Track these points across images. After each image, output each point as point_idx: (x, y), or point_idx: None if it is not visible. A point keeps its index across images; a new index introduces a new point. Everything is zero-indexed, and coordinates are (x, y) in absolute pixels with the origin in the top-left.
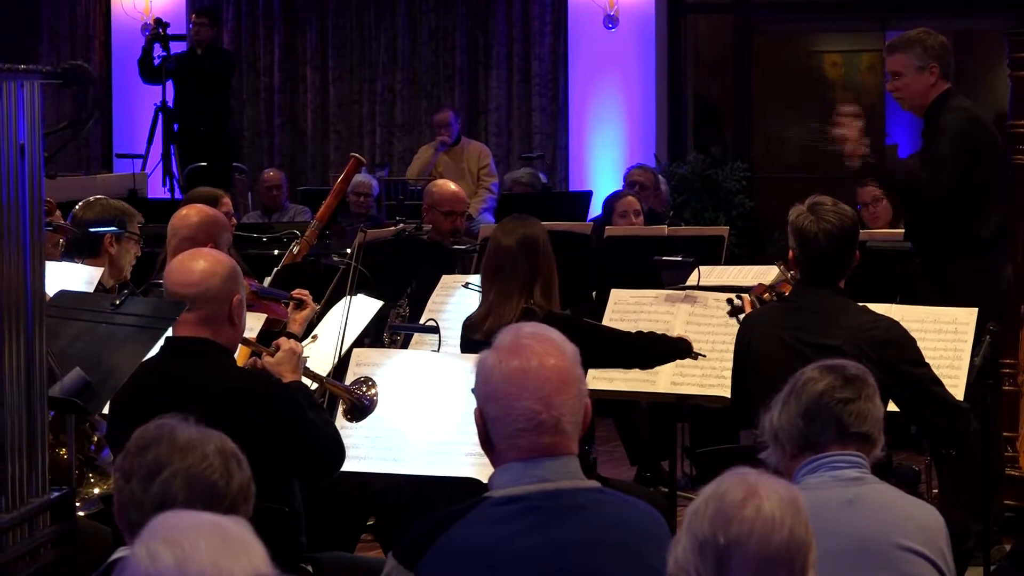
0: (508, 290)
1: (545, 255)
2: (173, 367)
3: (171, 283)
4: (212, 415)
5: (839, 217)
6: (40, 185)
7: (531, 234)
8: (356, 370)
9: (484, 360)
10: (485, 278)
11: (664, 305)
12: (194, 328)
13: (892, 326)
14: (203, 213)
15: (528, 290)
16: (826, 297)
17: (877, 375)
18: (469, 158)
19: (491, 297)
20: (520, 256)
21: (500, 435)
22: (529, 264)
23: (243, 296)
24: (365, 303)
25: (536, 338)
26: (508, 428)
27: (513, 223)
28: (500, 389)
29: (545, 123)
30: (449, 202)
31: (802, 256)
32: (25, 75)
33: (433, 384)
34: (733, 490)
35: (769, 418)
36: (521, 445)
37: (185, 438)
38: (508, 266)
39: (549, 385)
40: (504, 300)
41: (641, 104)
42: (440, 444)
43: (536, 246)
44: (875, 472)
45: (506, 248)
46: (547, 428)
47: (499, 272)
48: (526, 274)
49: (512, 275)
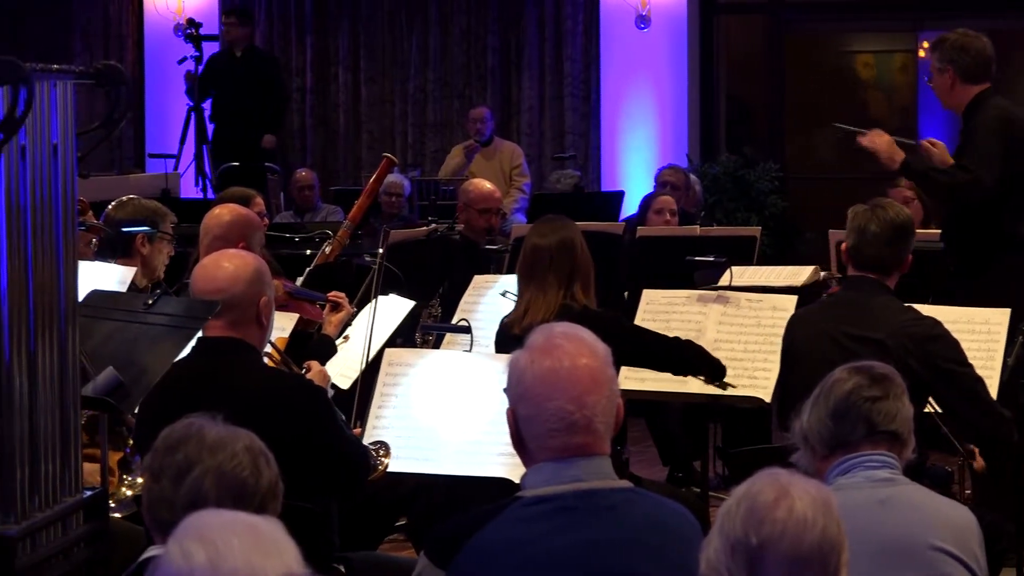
0: (545, 286)
1: (583, 254)
2: (202, 367)
3: (197, 288)
4: (241, 414)
5: (896, 211)
6: (73, 184)
7: (568, 236)
8: (388, 369)
9: (516, 360)
10: (521, 277)
11: (696, 305)
12: (223, 330)
13: (936, 324)
14: (235, 213)
15: (566, 286)
16: (872, 292)
17: (919, 370)
18: (502, 158)
19: (528, 294)
20: (557, 255)
21: (532, 435)
22: (567, 262)
23: (271, 297)
24: (397, 303)
25: (568, 338)
26: (540, 428)
27: (548, 226)
28: (532, 389)
29: (577, 123)
30: (484, 200)
31: (854, 246)
32: (58, 75)
33: (465, 384)
34: (765, 490)
35: (799, 421)
36: (553, 445)
37: (214, 436)
38: (546, 266)
39: (581, 385)
40: (541, 296)
41: (673, 104)
42: (472, 444)
43: (573, 246)
44: (908, 473)
45: (544, 249)
46: (579, 428)
47: (536, 270)
48: (564, 271)
49: (549, 272)
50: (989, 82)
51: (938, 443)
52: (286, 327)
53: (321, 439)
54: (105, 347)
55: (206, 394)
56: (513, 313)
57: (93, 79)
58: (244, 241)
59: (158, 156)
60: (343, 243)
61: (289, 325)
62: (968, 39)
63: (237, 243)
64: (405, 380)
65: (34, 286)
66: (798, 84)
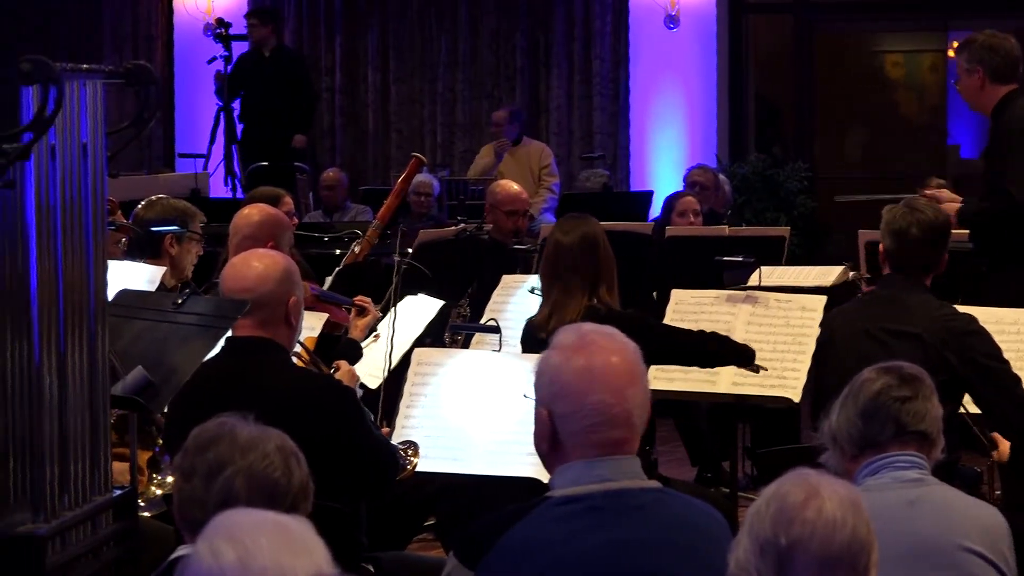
0: (570, 288)
1: (605, 252)
2: (231, 367)
3: (226, 288)
4: (270, 414)
5: (934, 212)
6: (102, 184)
7: (590, 232)
8: (417, 369)
9: (548, 359)
10: (545, 278)
11: (725, 305)
12: (252, 330)
13: (973, 320)
14: (264, 212)
15: (591, 288)
16: (909, 289)
17: (956, 364)
18: (530, 158)
19: (553, 296)
20: (581, 254)
21: (571, 432)
22: (590, 262)
23: (300, 297)
24: (426, 303)
25: (600, 334)
26: (580, 424)
27: (571, 222)
28: (570, 385)
29: (606, 123)
30: (511, 202)
31: (893, 247)
32: (88, 75)
33: (494, 384)
34: (794, 491)
35: (828, 421)
36: (593, 440)
37: (246, 436)
38: (569, 264)
39: (620, 379)
40: (567, 298)
41: (702, 104)
42: (501, 444)
43: (596, 243)
44: (938, 474)
45: (567, 247)
46: (619, 422)
47: (560, 271)
48: (588, 272)
49: (574, 273)
50: (1016, 82)
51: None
52: (315, 327)
53: (350, 439)
54: (134, 346)
55: (235, 394)
56: (538, 315)
57: (123, 79)
58: (273, 241)
59: (187, 156)
60: (372, 243)
61: (318, 325)
62: (997, 40)
63: (266, 243)
64: (434, 380)
65: (64, 286)
66: (827, 84)
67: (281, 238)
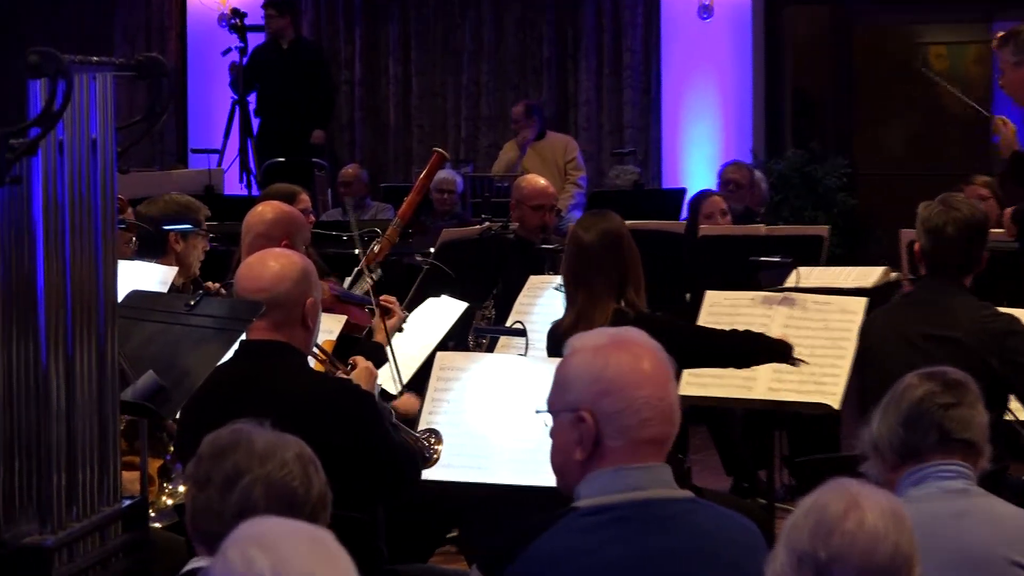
0: (596, 292)
1: (629, 250)
2: (246, 371)
3: (241, 288)
4: (286, 419)
5: (971, 208)
6: (113, 181)
7: (611, 228)
8: (439, 374)
9: (581, 361)
10: (569, 281)
11: (761, 307)
12: (267, 332)
13: (1014, 320)
14: (278, 210)
15: (618, 290)
16: (948, 292)
17: (999, 368)
18: (555, 152)
19: (579, 302)
20: (604, 253)
21: (622, 428)
22: (615, 261)
23: (318, 298)
24: (449, 305)
25: (633, 332)
26: (633, 420)
27: (591, 219)
28: (618, 381)
29: (637, 117)
30: (538, 196)
31: (928, 246)
32: (98, 67)
33: (520, 389)
34: (834, 502)
35: (868, 429)
36: (646, 436)
37: (263, 444)
38: (593, 266)
39: (662, 375)
40: (593, 304)
41: (737, 97)
42: (528, 452)
43: (619, 241)
44: (985, 484)
45: (587, 245)
46: (668, 417)
47: (584, 274)
48: (613, 273)
49: (598, 275)
50: None
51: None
52: (333, 330)
53: (368, 446)
54: (145, 350)
55: (250, 399)
56: (564, 320)
57: (134, 71)
58: (287, 239)
59: (201, 151)
60: (392, 242)
61: (336, 328)
62: None
63: (280, 241)
64: (457, 385)
65: (72, 286)
66: (868, 76)
67: (296, 237)
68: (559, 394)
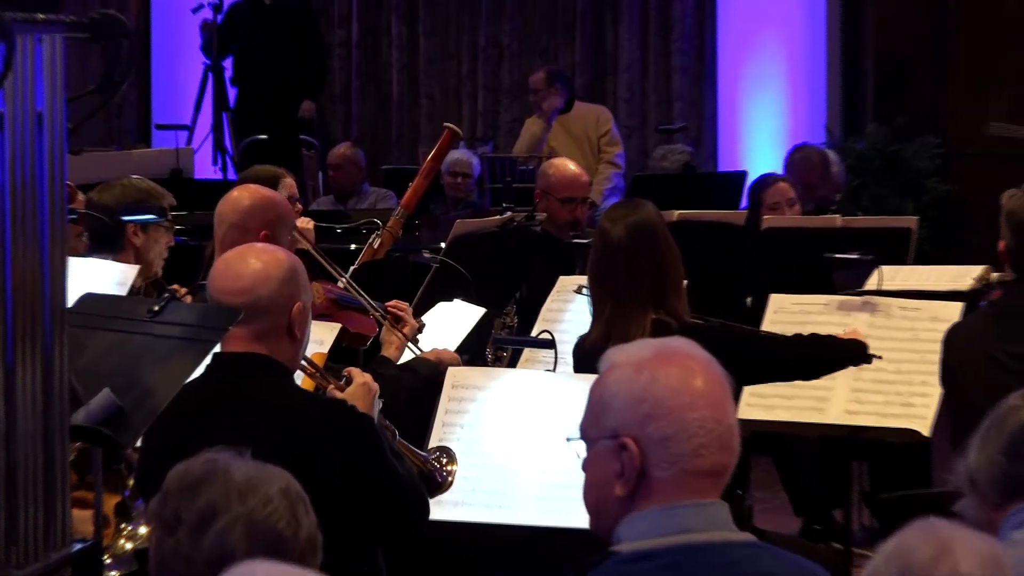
0: (629, 299)
1: (667, 246)
2: (220, 390)
3: (216, 290)
4: (271, 448)
5: None
6: (62, 163)
7: (644, 220)
8: (452, 393)
9: (620, 380)
10: (596, 287)
11: (836, 314)
12: (246, 343)
13: None
14: (257, 196)
15: (656, 295)
16: None
17: None
18: (585, 125)
19: (607, 312)
20: (636, 252)
21: (672, 457)
22: (650, 261)
23: (307, 302)
24: (462, 311)
25: (679, 343)
26: (684, 447)
27: (619, 210)
28: (667, 402)
29: (688, 87)
30: (568, 187)
31: (1014, 245)
32: (45, 27)
33: (548, 412)
34: (921, 546)
35: (964, 460)
36: (701, 467)
37: (243, 477)
38: (624, 269)
39: (718, 392)
40: (626, 314)
41: (808, 65)
42: (557, 488)
43: (653, 235)
44: None
45: (616, 242)
46: (725, 444)
47: (613, 277)
48: (649, 276)
49: (631, 280)
50: None
51: None
52: (325, 340)
53: (366, 477)
54: (100, 364)
55: (226, 423)
56: (591, 334)
57: (88, 32)
58: (267, 230)
59: (167, 127)
60: (395, 236)
61: (329, 338)
62: None
63: (258, 233)
64: (473, 407)
65: (12, 287)
66: (966, 41)
67: (278, 228)
68: (596, 417)
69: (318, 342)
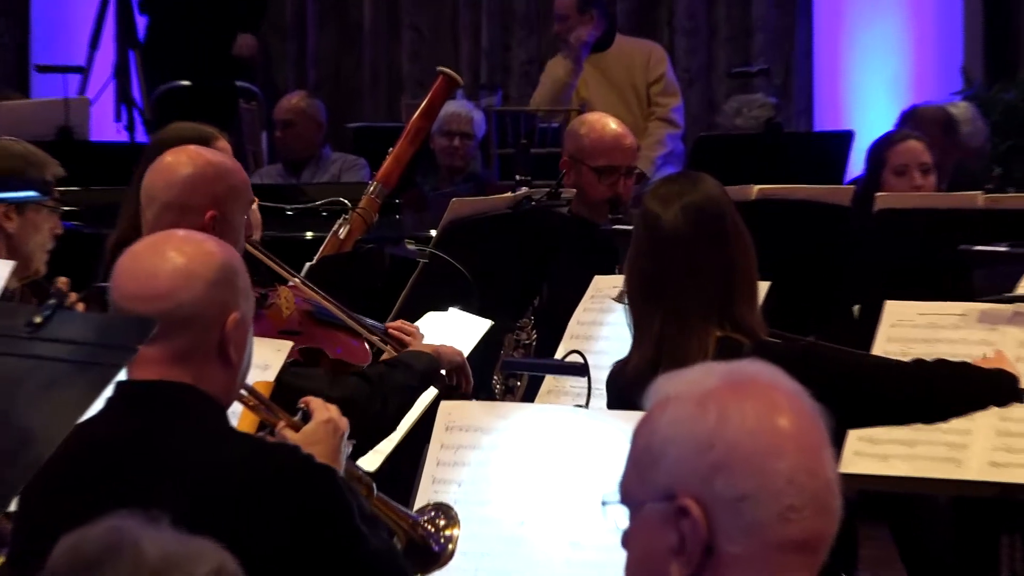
0: (686, 312)
1: (738, 237)
2: (128, 431)
3: (121, 295)
4: (198, 513)
5: None
6: None
7: (706, 200)
8: (445, 438)
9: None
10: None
11: (977, 328)
12: (162, 368)
13: None
14: (201, 162)
15: (722, 307)
16: None
17: None
18: (631, 68)
19: (656, 328)
20: (696, 245)
21: (749, 527)
22: (715, 258)
23: (247, 312)
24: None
25: (759, 369)
26: (769, 510)
27: (670, 186)
28: (743, 449)
29: (772, 16)
30: (606, 151)
31: None
32: None
33: (577, 464)
34: None
35: None
36: (789, 537)
37: (158, 554)
38: (679, 269)
39: (809, 437)
40: (682, 329)
41: None
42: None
43: (720, 221)
44: None
45: (668, 232)
46: (823, 506)
47: (665, 281)
48: (714, 278)
49: (688, 284)
50: None
51: None
52: (271, 364)
53: (327, 554)
54: None
55: (135, 479)
56: (634, 357)
57: None
58: (217, 210)
59: (52, 70)
60: (369, 220)
61: (276, 361)
62: None
63: (204, 214)
64: (474, 457)
65: None
66: None
67: (230, 206)
68: (642, 472)
69: (262, 367)
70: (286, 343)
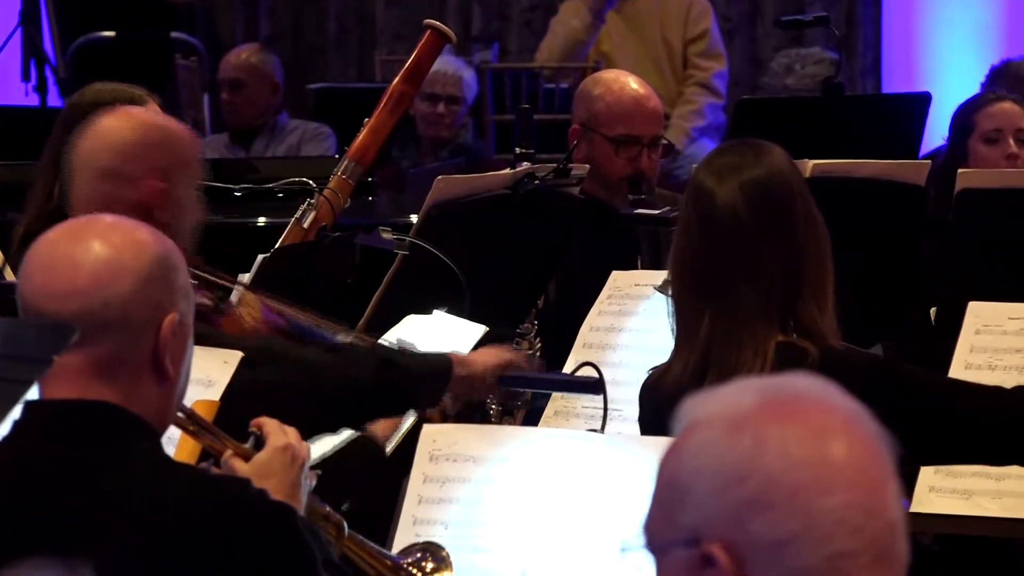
0: (743, 312)
1: (809, 222)
2: (40, 461)
3: (33, 293)
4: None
5: None
6: None
7: (773, 176)
8: (429, 469)
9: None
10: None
11: None
12: (82, 383)
13: None
14: (144, 125)
15: (785, 306)
16: None
17: None
18: (664, 19)
19: (705, 330)
20: (760, 231)
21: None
22: (781, 247)
23: (187, 314)
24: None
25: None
26: (817, 556)
27: (727, 158)
28: (783, 483)
29: None
30: (626, 117)
31: None
32: None
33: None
34: None
35: None
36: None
37: None
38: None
39: (870, 468)
40: (738, 330)
41: None
42: None
43: (789, 202)
44: None
45: (726, 214)
46: (884, 551)
47: (720, 274)
48: (778, 271)
49: (748, 278)
50: None
51: None
52: (215, 380)
53: None
54: None
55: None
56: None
57: None
58: (162, 182)
59: None
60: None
61: (223, 376)
62: None
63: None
64: (465, 492)
65: None
66: None
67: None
68: (666, 510)
69: (205, 382)
70: (235, 353)
